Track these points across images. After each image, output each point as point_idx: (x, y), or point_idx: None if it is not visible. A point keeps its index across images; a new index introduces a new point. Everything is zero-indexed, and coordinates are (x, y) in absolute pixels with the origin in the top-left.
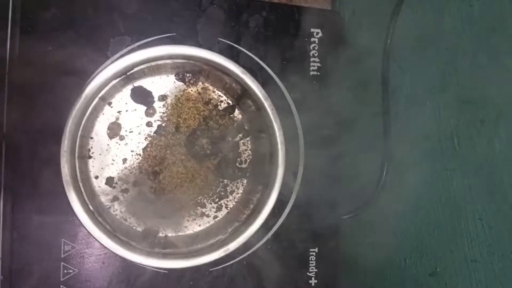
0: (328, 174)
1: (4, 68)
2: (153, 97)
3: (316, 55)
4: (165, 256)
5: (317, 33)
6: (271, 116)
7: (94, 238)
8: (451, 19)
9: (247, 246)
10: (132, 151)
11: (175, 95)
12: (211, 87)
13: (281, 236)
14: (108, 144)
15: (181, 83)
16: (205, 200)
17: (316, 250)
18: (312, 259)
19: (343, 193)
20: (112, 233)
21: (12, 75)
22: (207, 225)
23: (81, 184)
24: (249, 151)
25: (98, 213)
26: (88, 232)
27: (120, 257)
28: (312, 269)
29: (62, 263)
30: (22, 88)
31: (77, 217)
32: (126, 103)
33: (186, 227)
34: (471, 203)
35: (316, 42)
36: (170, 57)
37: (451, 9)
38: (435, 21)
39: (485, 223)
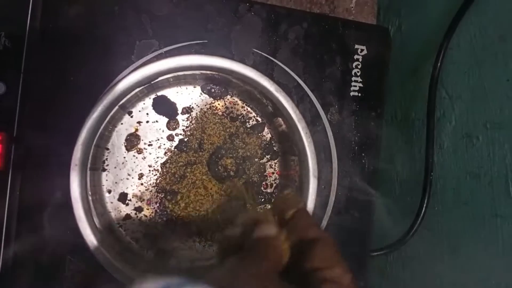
0: (361, 206)
1: (20, 66)
2: (176, 109)
3: (358, 74)
4: None
5: (362, 50)
6: (304, 139)
7: (100, 263)
8: None
9: None
10: (150, 166)
11: (201, 108)
12: (240, 102)
13: None
14: (124, 157)
15: (208, 96)
16: (225, 226)
17: None
18: None
19: (375, 228)
20: (118, 257)
21: (28, 74)
22: None
23: (90, 199)
24: (276, 175)
25: (107, 233)
26: (94, 256)
27: None
28: None
29: (66, 282)
30: (37, 89)
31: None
32: (147, 114)
33: (202, 254)
34: None
35: (360, 60)
36: (198, 68)
37: None
38: (498, 45)
39: None
